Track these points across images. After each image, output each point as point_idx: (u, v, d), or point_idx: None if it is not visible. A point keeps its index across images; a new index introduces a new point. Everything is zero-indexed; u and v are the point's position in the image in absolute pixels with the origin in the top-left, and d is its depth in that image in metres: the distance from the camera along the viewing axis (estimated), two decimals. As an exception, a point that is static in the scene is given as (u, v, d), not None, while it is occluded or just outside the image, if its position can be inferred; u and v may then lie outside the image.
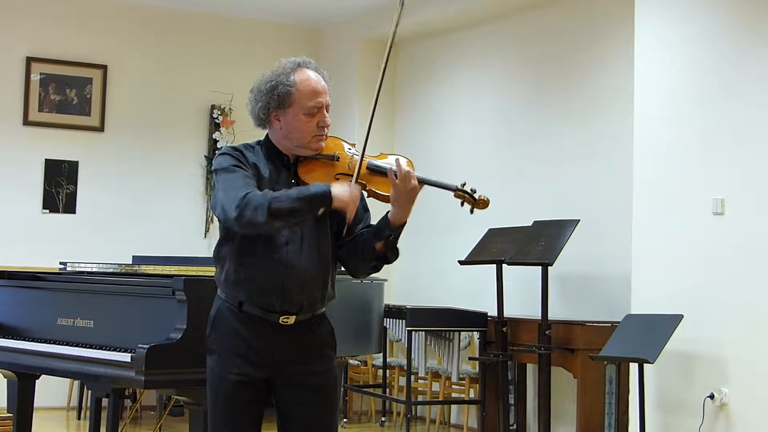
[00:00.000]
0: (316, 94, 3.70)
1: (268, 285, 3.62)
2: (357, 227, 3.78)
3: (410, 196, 3.60)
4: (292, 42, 10.89)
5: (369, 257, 3.72)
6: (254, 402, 3.68)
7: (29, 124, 9.97)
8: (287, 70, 3.73)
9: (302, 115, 3.68)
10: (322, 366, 3.74)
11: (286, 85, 3.68)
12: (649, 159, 7.02)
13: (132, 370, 4.53)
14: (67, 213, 10.05)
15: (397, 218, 3.64)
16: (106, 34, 10.31)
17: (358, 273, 3.87)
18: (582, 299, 8.39)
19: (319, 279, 3.69)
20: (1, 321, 5.66)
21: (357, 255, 3.76)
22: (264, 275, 3.62)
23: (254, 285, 3.63)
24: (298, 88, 3.69)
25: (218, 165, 3.68)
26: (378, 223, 3.70)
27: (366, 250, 3.72)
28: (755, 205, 6.41)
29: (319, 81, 3.74)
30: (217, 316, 3.72)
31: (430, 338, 8.61)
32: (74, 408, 9.65)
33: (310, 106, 3.68)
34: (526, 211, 8.44)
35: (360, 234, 3.77)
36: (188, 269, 5.51)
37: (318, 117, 3.70)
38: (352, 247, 3.76)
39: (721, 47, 6.64)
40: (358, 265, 3.80)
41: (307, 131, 3.69)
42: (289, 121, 3.69)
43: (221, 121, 10.59)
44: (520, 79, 9.35)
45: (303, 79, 3.71)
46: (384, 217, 3.67)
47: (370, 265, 3.76)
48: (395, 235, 3.67)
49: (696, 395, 6.57)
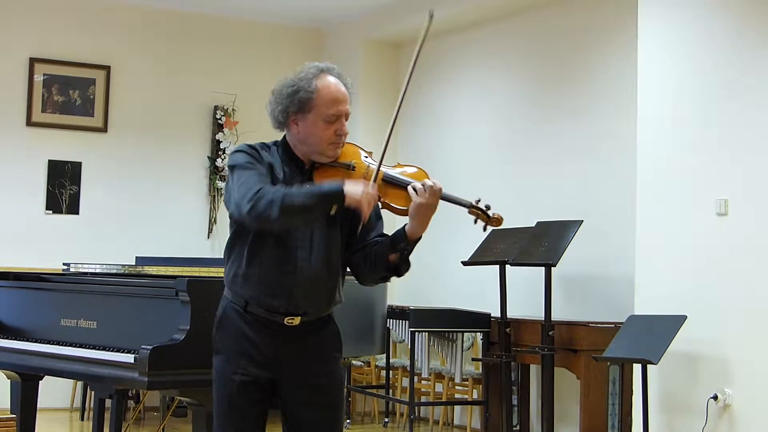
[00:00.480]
0: (336, 102, 3.68)
1: (275, 288, 3.63)
2: (370, 235, 3.78)
3: (432, 211, 3.60)
4: (295, 43, 10.91)
5: (381, 268, 3.72)
6: (259, 402, 3.68)
7: (32, 125, 9.98)
8: (309, 76, 3.69)
9: (321, 122, 3.67)
10: (327, 367, 3.75)
11: (307, 90, 3.66)
12: (652, 159, 7.01)
13: (135, 371, 4.53)
14: (70, 214, 10.06)
15: (415, 232, 3.64)
16: (109, 35, 10.32)
17: (366, 281, 3.86)
18: (585, 300, 8.39)
19: (326, 286, 3.70)
20: (5, 322, 5.67)
21: (368, 264, 3.75)
22: (272, 278, 3.63)
23: (261, 287, 3.64)
24: (319, 94, 3.66)
25: (233, 162, 3.68)
26: (394, 234, 3.69)
27: (378, 260, 3.71)
28: (758, 206, 6.40)
29: (340, 88, 3.70)
30: (223, 316, 3.73)
31: (434, 339, 8.61)
32: (77, 409, 9.66)
33: (329, 114, 3.66)
34: (529, 211, 8.43)
35: (373, 242, 3.77)
36: (191, 270, 5.51)
37: (336, 125, 3.68)
38: (364, 255, 3.76)
39: (723, 47, 6.63)
40: (369, 274, 3.79)
41: (325, 138, 3.68)
42: (307, 127, 3.68)
43: (224, 122, 10.59)
44: (522, 79, 9.35)
45: (324, 86, 3.67)
46: (401, 230, 3.67)
47: (380, 275, 3.76)
48: (410, 248, 3.67)
49: (699, 396, 6.57)
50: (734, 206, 6.51)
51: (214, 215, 10.57)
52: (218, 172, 10.54)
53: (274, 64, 10.61)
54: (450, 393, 9.15)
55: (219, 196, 10.55)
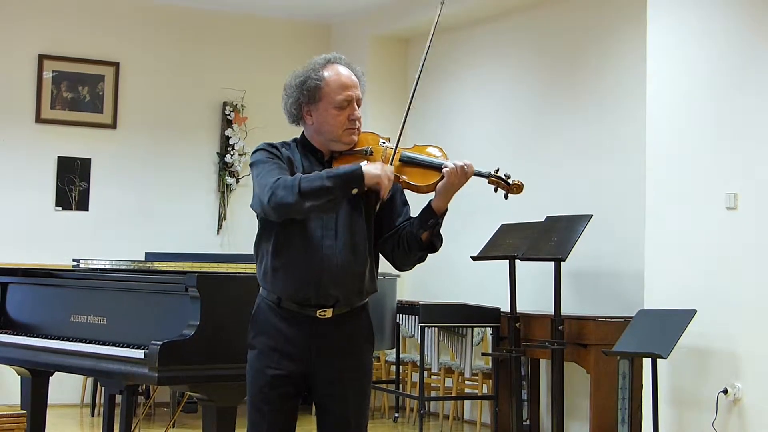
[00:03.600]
0: (345, 88, 3.74)
1: (304, 279, 3.66)
2: (397, 221, 3.84)
3: (459, 188, 3.69)
4: (303, 39, 10.91)
5: (415, 248, 3.76)
6: (291, 397, 3.73)
7: (42, 122, 9.99)
8: (317, 66, 3.77)
9: (332, 109, 3.72)
10: (359, 359, 3.80)
11: (315, 79, 3.72)
12: (662, 154, 7.00)
13: (145, 367, 4.54)
14: (79, 210, 10.07)
15: (441, 206, 3.71)
16: (118, 31, 10.33)
17: (404, 265, 3.90)
18: (595, 294, 8.38)
19: (355, 273, 3.73)
20: (15, 318, 5.68)
21: (401, 248, 3.80)
22: (300, 270, 3.67)
23: (290, 279, 3.68)
24: (327, 82, 3.73)
25: (253, 159, 3.75)
26: (420, 214, 3.74)
27: (412, 241, 3.76)
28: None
29: (349, 75, 3.77)
30: (257, 312, 3.78)
31: (443, 334, 8.61)
32: (88, 405, 9.67)
33: (339, 99, 3.72)
34: (538, 206, 8.42)
35: (402, 227, 3.82)
36: (201, 266, 5.52)
37: (348, 110, 3.74)
38: (396, 241, 3.81)
39: (733, 42, 6.62)
40: (404, 257, 3.83)
41: (338, 125, 3.73)
42: (320, 116, 3.74)
43: (233, 118, 10.60)
44: (531, 74, 9.34)
45: (332, 74, 3.74)
46: (427, 207, 3.72)
47: (416, 256, 3.80)
48: (440, 222, 3.74)
49: (709, 390, 6.56)
50: (744, 200, 6.50)
51: (223, 211, 10.58)
52: (227, 168, 10.55)
53: (283, 60, 10.61)
54: (460, 388, 9.14)
55: (228, 192, 10.57)
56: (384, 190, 3.59)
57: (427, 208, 3.72)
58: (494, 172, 3.79)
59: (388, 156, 3.72)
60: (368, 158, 3.74)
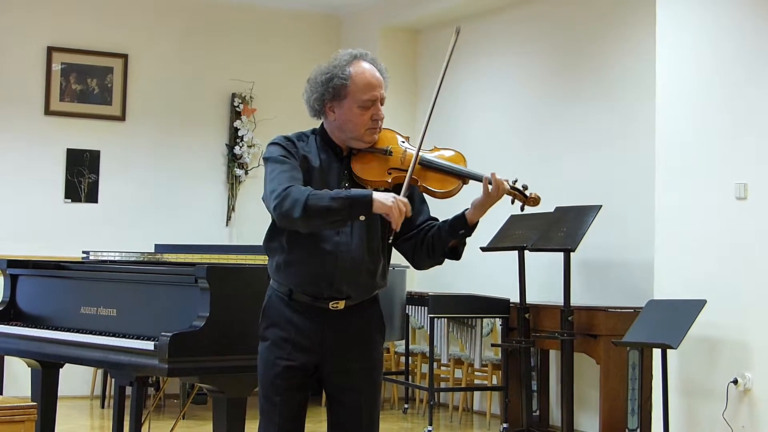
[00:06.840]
0: (371, 88, 3.72)
1: (317, 275, 3.67)
2: (418, 220, 3.82)
3: (496, 201, 3.68)
4: (313, 30, 10.89)
5: (440, 252, 3.78)
6: (302, 388, 3.75)
7: (51, 114, 10.00)
8: (343, 62, 3.74)
9: (356, 108, 3.71)
10: (370, 350, 3.81)
11: (341, 77, 3.70)
12: (672, 144, 6.98)
13: (155, 358, 4.54)
14: (89, 202, 10.08)
15: (476, 218, 3.71)
16: (127, 23, 10.33)
17: (422, 266, 3.90)
18: (604, 285, 8.37)
19: (367, 270, 3.74)
20: (25, 310, 5.68)
21: (424, 249, 3.80)
22: (314, 264, 3.67)
23: (304, 273, 3.68)
24: (354, 80, 3.70)
25: (268, 154, 3.72)
26: (452, 221, 3.74)
27: (437, 244, 3.77)
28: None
29: (374, 74, 3.76)
30: (269, 304, 3.78)
31: (453, 325, 8.61)
32: (98, 396, 9.69)
33: (364, 99, 3.70)
34: (547, 197, 8.35)
35: (425, 228, 3.82)
36: (210, 257, 5.53)
37: (372, 110, 3.73)
38: (419, 241, 3.80)
39: (744, 31, 6.60)
40: (425, 258, 3.83)
41: (361, 124, 3.72)
42: (343, 113, 3.72)
43: (242, 110, 10.59)
44: (541, 64, 9.32)
45: (358, 72, 3.72)
46: (460, 217, 3.73)
47: (439, 260, 3.82)
48: (471, 233, 3.75)
49: (719, 380, 6.55)
50: (754, 190, 6.48)
51: (232, 203, 10.58)
52: (236, 159, 10.55)
53: (292, 52, 10.61)
54: (469, 379, 9.15)
55: (237, 184, 10.57)
56: (395, 222, 3.51)
57: (461, 218, 3.72)
58: (512, 183, 3.74)
59: (407, 159, 3.69)
60: (387, 159, 3.72)
